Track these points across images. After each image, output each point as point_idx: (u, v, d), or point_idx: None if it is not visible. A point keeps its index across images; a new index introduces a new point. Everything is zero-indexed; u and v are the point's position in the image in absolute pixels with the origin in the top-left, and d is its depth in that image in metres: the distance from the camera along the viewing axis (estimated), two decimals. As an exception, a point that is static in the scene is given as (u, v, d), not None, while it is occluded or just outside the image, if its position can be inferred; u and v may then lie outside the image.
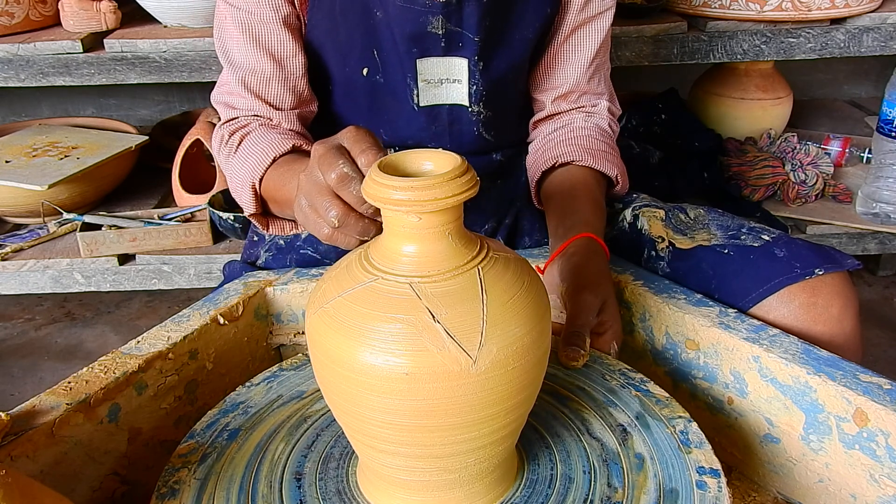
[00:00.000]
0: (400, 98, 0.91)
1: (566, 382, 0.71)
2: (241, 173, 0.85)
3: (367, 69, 0.90)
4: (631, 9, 1.51)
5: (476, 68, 0.89)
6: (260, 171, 0.82)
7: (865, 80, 2.33)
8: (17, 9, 1.48)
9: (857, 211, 1.61)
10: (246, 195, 0.84)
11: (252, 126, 0.89)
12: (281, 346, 0.85)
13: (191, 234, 1.52)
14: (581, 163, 0.93)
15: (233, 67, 0.90)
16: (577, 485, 0.59)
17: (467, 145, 0.94)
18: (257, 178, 0.83)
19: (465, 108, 0.92)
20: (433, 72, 0.89)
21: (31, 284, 1.51)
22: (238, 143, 0.88)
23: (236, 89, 0.90)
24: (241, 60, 0.89)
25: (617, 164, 0.95)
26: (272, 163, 0.82)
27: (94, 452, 0.65)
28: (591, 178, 0.93)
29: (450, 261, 0.53)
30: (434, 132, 0.93)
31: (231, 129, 0.90)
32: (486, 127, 0.94)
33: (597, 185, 0.93)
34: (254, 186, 0.84)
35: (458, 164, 0.51)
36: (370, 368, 0.50)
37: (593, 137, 0.96)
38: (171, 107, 2.19)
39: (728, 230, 0.84)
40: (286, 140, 0.84)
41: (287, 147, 0.83)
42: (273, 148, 0.83)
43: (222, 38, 0.90)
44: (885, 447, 0.61)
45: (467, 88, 0.90)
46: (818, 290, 0.76)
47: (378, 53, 0.89)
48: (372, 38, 0.88)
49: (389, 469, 0.55)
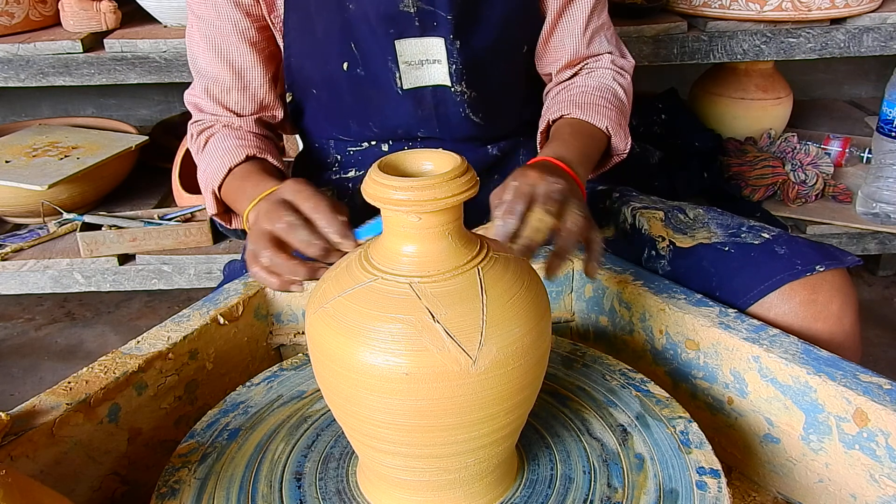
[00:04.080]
0: (383, 85, 0.92)
1: (566, 382, 0.71)
2: (203, 177, 0.93)
3: (347, 63, 0.92)
4: (631, 9, 1.51)
5: (453, 47, 0.90)
6: (219, 179, 0.90)
7: (865, 80, 2.33)
8: (17, 9, 1.48)
9: (857, 211, 1.61)
10: (208, 198, 0.93)
11: (216, 128, 0.96)
12: (281, 346, 0.85)
13: (191, 234, 1.52)
14: (569, 115, 0.94)
15: (199, 75, 0.96)
16: (577, 485, 0.59)
17: (457, 129, 0.95)
18: (216, 186, 0.91)
19: (448, 88, 0.93)
20: (412, 53, 0.91)
21: (31, 284, 1.51)
22: (204, 143, 0.95)
23: (201, 94, 0.96)
24: (205, 69, 0.95)
25: (609, 116, 0.94)
26: (228, 172, 0.90)
27: (94, 452, 0.65)
28: (577, 124, 0.92)
29: (450, 261, 0.53)
30: (421, 116, 0.94)
31: (199, 128, 0.97)
32: (473, 108, 0.94)
33: (580, 128, 0.92)
34: (214, 192, 0.92)
35: (457, 164, 0.51)
36: (370, 368, 0.50)
37: (587, 93, 0.96)
38: (171, 107, 2.19)
39: (728, 228, 0.85)
40: (241, 149, 0.91)
41: (241, 157, 0.90)
42: (229, 157, 0.90)
43: (191, 47, 0.96)
44: (885, 447, 0.61)
45: (447, 68, 0.92)
46: (818, 287, 0.76)
47: (356, 46, 0.91)
48: (348, 31, 0.90)
49: (389, 469, 0.55)
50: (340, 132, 1.00)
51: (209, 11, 0.91)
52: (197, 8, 0.92)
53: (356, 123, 0.97)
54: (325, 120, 0.99)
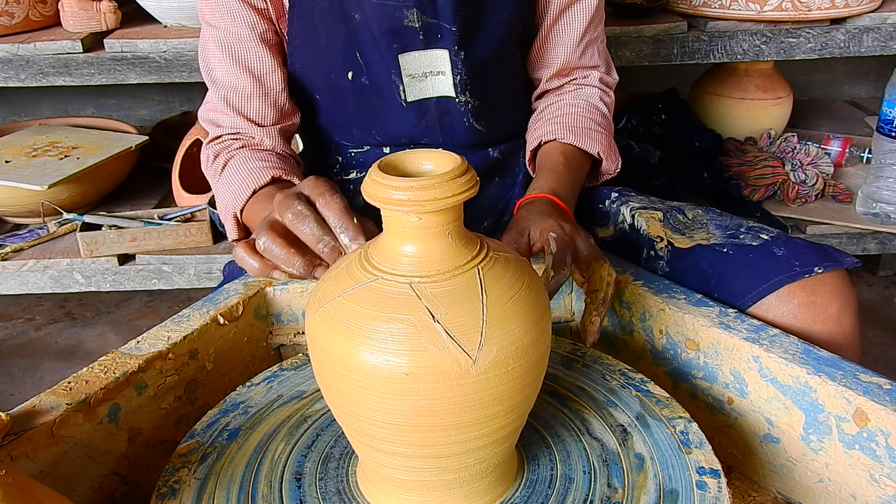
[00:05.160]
0: (387, 97, 0.92)
1: (566, 382, 0.71)
2: (223, 201, 0.90)
3: (352, 72, 0.91)
4: (631, 9, 1.51)
5: (457, 58, 0.90)
6: (241, 202, 0.87)
7: (865, 80, 2.33)
8: (17, 9, 1.48)
9: (857, 211, 1.61)
10: (229, 223, 0.90)
11: (234, 148, 0.93)
12: (281, 346, 0.85)
13: (191, 234, 1.52)
14: (563, 140, 0.95)
15: (216, 86, 0.93)
16: (577, 485, 0.59)
17: (460, 137, 0.95)
18: (238, 209, 0.88)
19: (453, 98, 0.93)
20: (416, 66, 0.90)
21: (31, 284, 1.51)
22: (223, 166, 0.92)
23: (219, 107, 0.93)
24: (222, 79, 0.92)
25: (601, 141, 0.96)
26: (252, 195, 0.86)
27: (94, 452, 0.65)
28: (570, 152, 0.94)
29: (450, 261, 0.53)
30: (425, 126, 0.94)
31: (216, 149, 0.94)
32: (476, 117, 0.94)
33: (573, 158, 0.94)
34: (235, 216, 0.89)
35: (457, 164, 0.51)
36: (370, 368, 0.50)
37: (578, 115, 0.97)
38: (171, 107, 2.19)
39: (727, 229, 0.85)
40: (266, 171, 0.87)
41: (266, 179, 0.87)
42: (253, 179, 0.87)
43: (205, 58, 0.94)
44: (885, 447, 0.61)
45: (451, 79, 0.91)
46: (817, 289, 0.76)
47: (360, 55, 0.90)
48: (353, 40, 0.90)
49: (389, 469, 0.55)
50: (342, 137, 0.99)
51: (224, 18, 0.89)
52: (211, 17, 0.90)
53: (359, 130, 0.97)
54: (327, 125, 0.99)
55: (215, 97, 0.94)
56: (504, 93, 0.98)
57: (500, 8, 0.91)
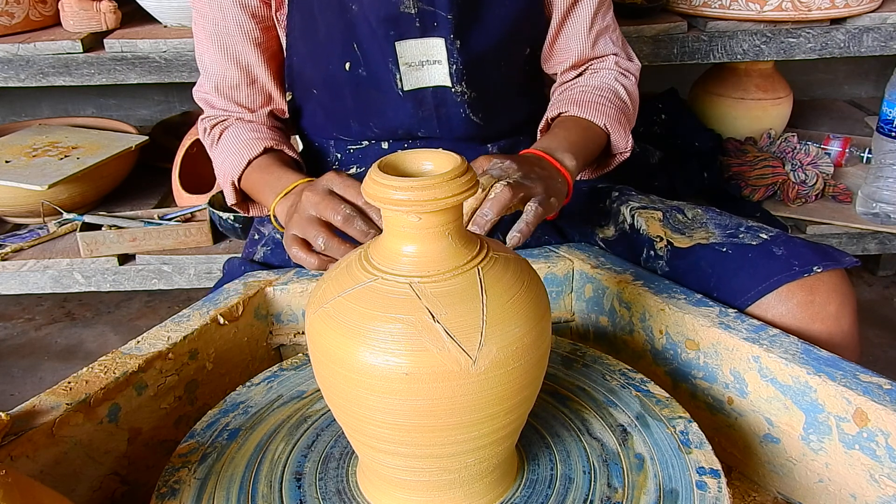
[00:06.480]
0: (384, 86, 0.93)
1: (566, 382, 0.71)
2: (221, 169, 0.96)
3: (349, 63, 0.92)
4: (631, 9, 1.50)
5: (453, 47, 0.91)
6: (238, 171, 0.93)
7: (865, 80, 2.32)
8: (17, 9, 1.48)
9: (857, 211, 1.61)
10: (227, 189, 0.96)
11: (229, 121, 0.99)
12: (281, 346, 0.85)
13: (191, 234, 1.52)
14: (567, 113, 0.95)
15: (206, 73, 0.98)
16: (577, 485, 0.59)
17: (457, 129, 0.95)
18: (236, 177, 0.94)
19: (449, 88, 0.93)
20: (412, 54, 0.91)
21: (31, 284, 1.51)
22: (218, 136, 0.98)
23: (211, 92, 0.99)
24: (211, 67, 0.97)
25: (607, 114, 0.94)
26: (248, 164, 0.93)
27: (94, 452, 0.65)
28: (571, 121, 0.94)
29: (450, 261, 0.53)
30: (422, 117, 0.94)
31: (211, 122, 1.00)
32: (473, 108, 0.95)
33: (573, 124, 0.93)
34: (234, 183, 0.95)
35: (457, 164, 0.51)
36: (370, 368, 0.50)
37: (586, 91, 0.97)
38: (171, 107, 2.19)
39: (726, 229, 0.85)
40: (258, 141, 0.94)
41: (259, 149, 0.93)
42: (247, 149, 0.93)
43: (197, 45, 0.98)
44: (885, 447, 0.61)
45: (447, 68, 0.92)
46: (816, 288, 0.76)
47: (358, 46, 0.91)
48: (350, 32, 0.91)
49: (389, 469, 0.55)
50: (341, 132, 1.00)
51: (214, 11, 0.92)
52: (201, 7, 0.93)
53: (357, 123, 0.97)
54: (326, 120, 1.00)
55: (207, 84, 0.99)
56: (503, 88, 0.98)
57: (499, 1, 0.92)
